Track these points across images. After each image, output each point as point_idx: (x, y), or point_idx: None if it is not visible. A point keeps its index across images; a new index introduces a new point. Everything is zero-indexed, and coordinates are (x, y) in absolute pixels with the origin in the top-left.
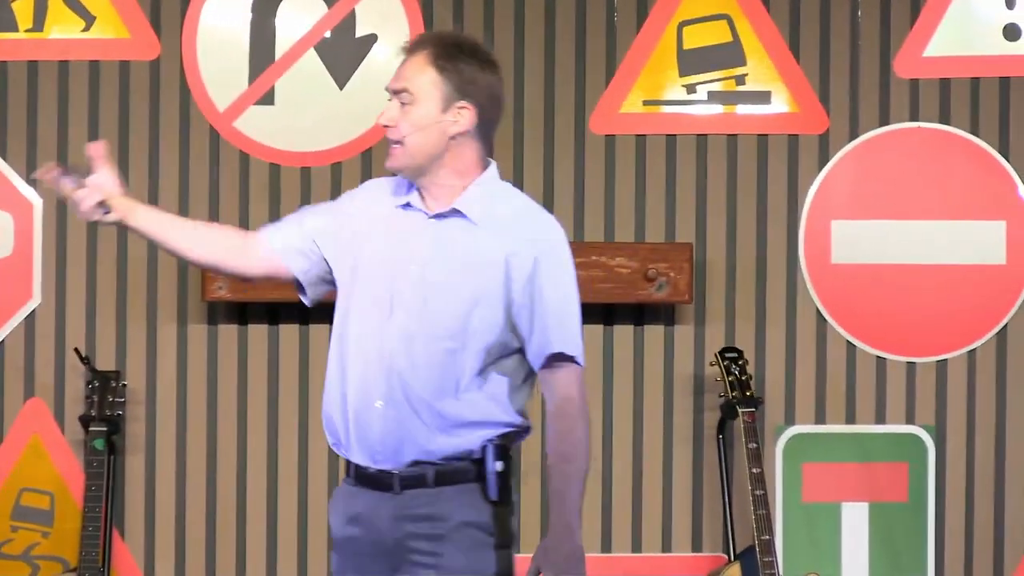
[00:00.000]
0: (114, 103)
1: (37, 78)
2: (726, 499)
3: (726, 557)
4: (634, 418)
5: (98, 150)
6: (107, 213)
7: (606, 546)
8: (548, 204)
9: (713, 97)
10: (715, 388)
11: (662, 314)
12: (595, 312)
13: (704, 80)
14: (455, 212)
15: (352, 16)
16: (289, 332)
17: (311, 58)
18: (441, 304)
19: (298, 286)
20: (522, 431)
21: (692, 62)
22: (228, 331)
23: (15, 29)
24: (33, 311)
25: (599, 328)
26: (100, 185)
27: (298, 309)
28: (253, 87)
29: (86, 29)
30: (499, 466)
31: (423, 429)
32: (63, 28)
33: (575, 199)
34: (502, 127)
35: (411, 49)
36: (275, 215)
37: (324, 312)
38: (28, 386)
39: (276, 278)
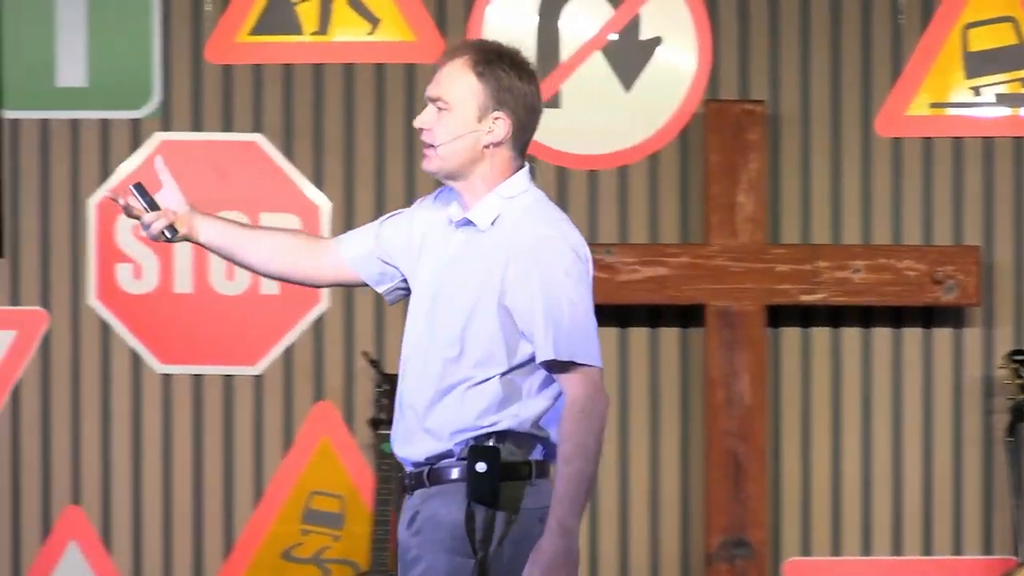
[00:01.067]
0: (400, 107)
1: (323, 81)
2: (1016, 501)
3: (1016, 559)
4: (924, 421)
5: (161, 166)
6: (174, 234)
7: (896, 549)
8: (836, 207)
9: (1001, 100)
10: (1005, 391)
11: (950, 317)
12: (884, 315)
13: (990, 82)
14: (467, 221)
15: (637, 18)
16: None
17: (596, 60)
18: (444, 314)
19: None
20: (525, 437)
21: (978, 64)
22: None
23: (300, 33)
24: (322, 315)
25: (887, 331)
26: (166, 204)
27: None
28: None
29: (371, 32)
30: (481, 467)
31: (418, 432)
32: (348, 31)
33: (862, 202)
34: (788, 130)
35: (451, 55)
36: None
37: None
38: (317, 389)
39: (348, 283)
